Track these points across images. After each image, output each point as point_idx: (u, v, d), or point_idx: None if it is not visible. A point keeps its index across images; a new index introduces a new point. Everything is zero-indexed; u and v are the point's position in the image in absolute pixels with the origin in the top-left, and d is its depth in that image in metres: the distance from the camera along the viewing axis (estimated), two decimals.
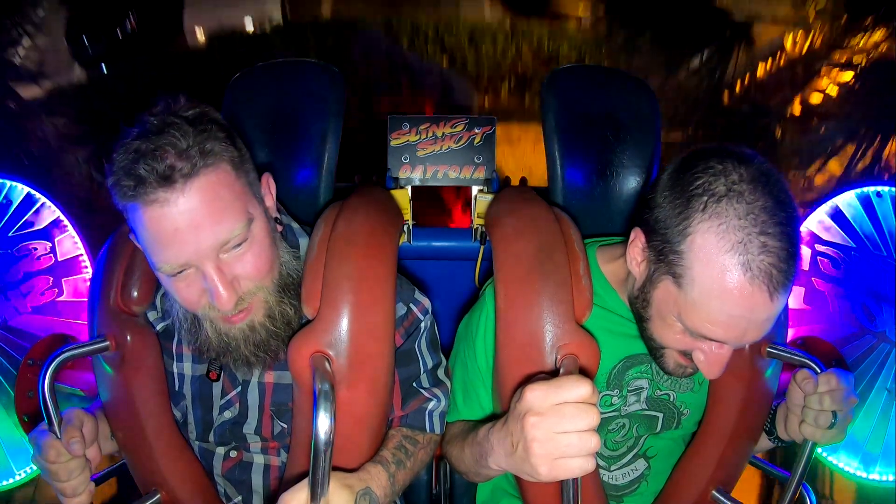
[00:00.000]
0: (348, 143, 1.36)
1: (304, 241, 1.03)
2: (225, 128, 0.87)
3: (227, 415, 1.01)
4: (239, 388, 1.01)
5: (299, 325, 0.95)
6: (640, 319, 0.95)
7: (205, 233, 0.81)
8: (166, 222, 0.80)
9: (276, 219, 0.96)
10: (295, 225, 1.05)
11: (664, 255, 0.85)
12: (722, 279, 0.79)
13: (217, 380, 1.01)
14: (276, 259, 0.92)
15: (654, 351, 0.95)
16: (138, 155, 0.79)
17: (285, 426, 1.01)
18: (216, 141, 0.83)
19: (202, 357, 0.99)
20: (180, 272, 0.84)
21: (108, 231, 1.07)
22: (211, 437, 1.03)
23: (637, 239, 0.92)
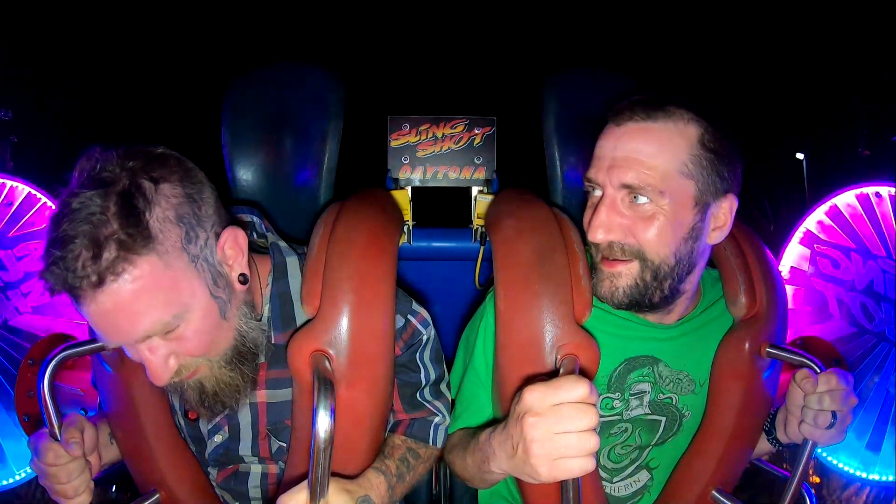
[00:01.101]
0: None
1: (291, 260, 0.99)
2: (176, 183, 0.78)
3: (218, 439, 1.00)
4: (226, 412, 0.96)
5: (248, 387, 0.91)
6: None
7: (123, 332, 0.77)
8: (89, 317, 0.76)
9: (242, 277, 0.88)
10: (282, 244, 1.01)
11: None
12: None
13: (195, 420, 0.99)
14: (227, 333, 0.86)
15: (595, 279, 0.97)
16: (48, 256, 0.73)
17: (284, 444, 0.98)
18: (142, 233, 0.74)
19: None
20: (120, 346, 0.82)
21: None
22: (208, 463, 1.02)
23: None
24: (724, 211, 0.95)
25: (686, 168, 0.90)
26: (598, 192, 0.95)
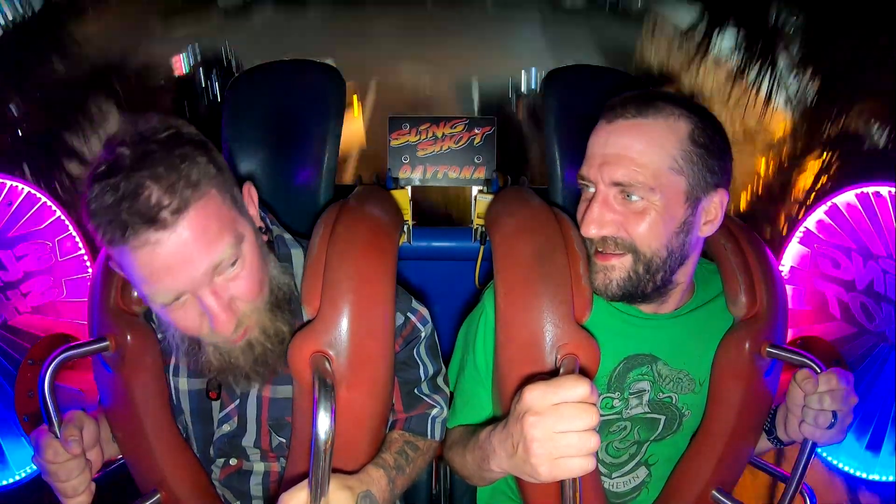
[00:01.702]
0: None
1: (296, 252, 1.00)
2: (202, 144, 0.83)
3: (226, 428, 1.01)
4: (237, 402, 1.00)
5: (288, 341, 0.92)
6: None
7: (197, 263, 0.78)
8: (157, 261, 0.76)
9: (260, 228, 0.93)
10: (287, 235, 1.02)
11: None
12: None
13: (217, 398, 1.00)
14: (266, 276, 0.89)
15: (592, 271, 0.98)
16: (119, 197, 0.73)
17: (284, 440, 1.00)
18: (198, 166, 0.78)
19: (200, 373, 0.98)
20: (176, 300, 0.82)
21: None
22: (211, 451, 1.03)
23: None
24: (715, 205, 0.96)
25: (676, 164, 0.91)
26: (591, 189, 0.97)
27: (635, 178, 0.90)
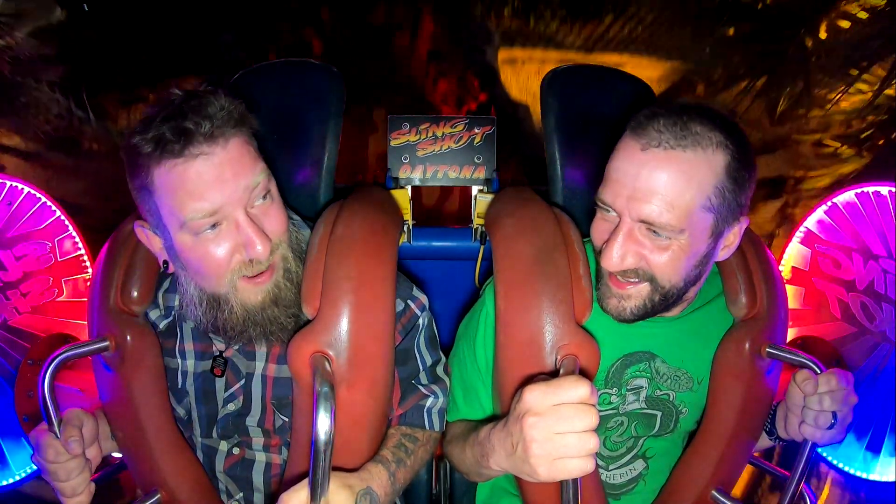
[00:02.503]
0: None
1: (305, 233, 1.02)
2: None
3: (231, 407, 1.02)
4: (243, 381, 1.02)
5: (296, 310, 0.95)
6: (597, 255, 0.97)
7: (241, 178, 0.85)
8: (208, 173, 0.83)
9: None
10: (296, 217, 1.05)
11: None
12: (620, 144, 0.90)
13: (221, 375, 1.01)
14: (287, 223, 0.95)
15: (600, 293, 0.96)
16: (184, 109, 0.82)
17: (286, 420, 1.01)
18: (238, 110, 0.87)
19: (208, 352, 1.01)
20: (211, 228, 0.86)
21: (108, 231, 1.07)
22: (215, 432, 1.03)
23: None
24: (735, 233, 0.93)
25: (709, 202, 0.86)
26: (612, 214, 0.91)
27: (666, 219, 0.85)
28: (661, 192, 0.84)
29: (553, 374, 0.87)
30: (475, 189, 1.45)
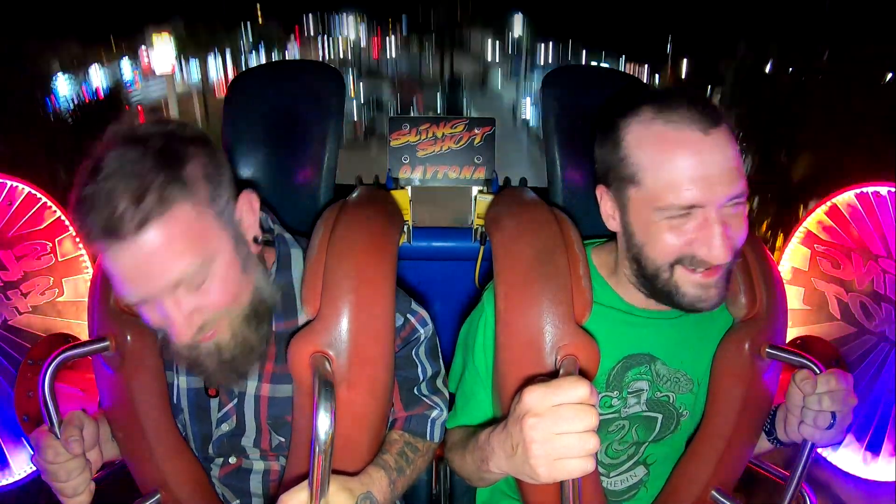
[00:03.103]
0: None
1: (296, 252, 1.00)
2: (200, 149, 0.83)
3: (225, 427, 1.01)
4: (235, 401, 1.00)
5: (262, 350, 0.93)
6: (639, 261, 0.94)
7: (156, 278, 0.80)
8: (117, 269, 0.79)
9: (255, 238, 0.92)
10: (287, 235, 1.02)
11: (617, 174, 0.93)
12: (657, 142, 0.88)
13: (216, 396, 1.00)
14: (247, 287, 0.89)
15: (669, 288, 0.93)
16: (86, 203, 0.75)
17: (283, 440, 1.00)
18: (178, 182, 0.78)
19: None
20: (143, 303, 0.84)
21: None
22: (210, 450, 1.03)
23: (602, 193, 0.99)
24: None
25: (741, 163, 0.90)
26: (695, 212, 0.88)
27: (744, 187, 0.87)
28: (733, 163, 0.87)
29: (553, 375, 0.88)
30: (475, 190, 1.45)
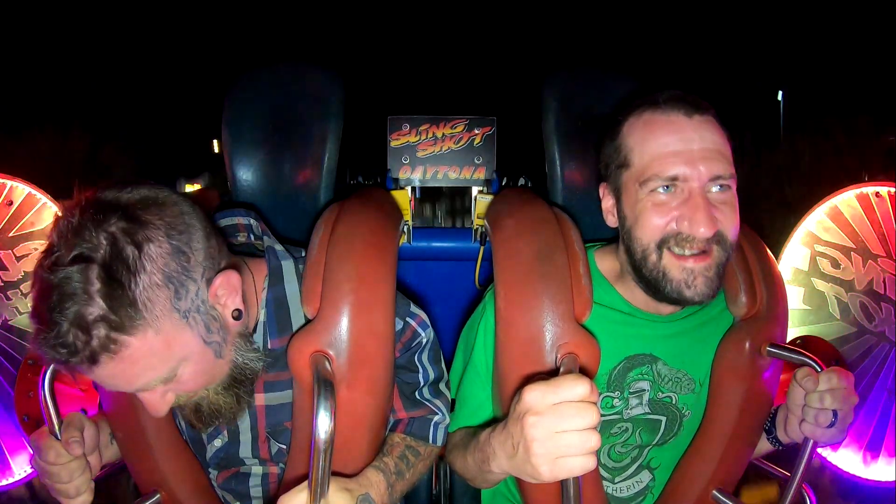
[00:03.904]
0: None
1: (287, 264, 0.98)
2: (161, 242, 0.75)
3: (217, 443, 1.00)
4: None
5: (243, 406, 0.93)
6: (630, 247, 0.97)
7: (122, 388, 0.80)
8: (100, 380, 0.78)
9: (236, 314, 0.87)
10: (278, 247, 1.00)
11: (613, 164, 0.99)
12: (645, 125, 0.95)
13: (211, 427, 0.97)
14: (223, 368, 0.88)
15: (657, 275, 0.94)
16: (39, 335, 0.72)
17: (283, 446, 0.99)
18: (128, 310, 0.72)
19: None
20: None
21: None
22: (209, 466, 1.03)
23: (603, 190, 1.03)
24: None
25: (730, 154, 0.94)
26: (672, 190, 0.92)
27: (729, 169, 0.92)
28: (717, 146, 0.92)
29: (553, 374, 0.87)
30: (475, 190, 1.45)
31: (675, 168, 0.91)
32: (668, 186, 0.92)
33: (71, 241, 0.71)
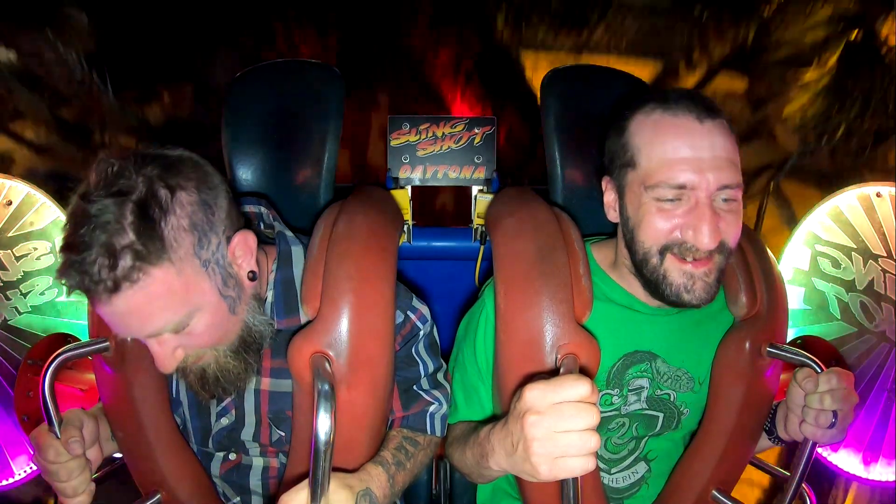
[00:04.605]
0: None
1: (296, 249, 1.01)
2: (191, 193, 0.80)
3: (224, 422, 1.01)
4: (234, 396, 1.00)
5: (249, 375, 0.95)
6: (631, 246, 0.97)
7: (134, 330, 0.81)
8: (111, 319, 0.80)
9: (251, 275, 0.90)
10: (288, 233, 1.02)
11: (619, 161, 0.97)
12: (654, 126, 0.93)
13: (213, 397, 1.00)
14: (234, 326, 0.89)
15: (657, 276, 0.94)
16: (65, 257, 0.75)
17: (283, 434, 1.00)
18: (156, 244, 0.76)
19: None
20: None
21: None
22: (210, 444, 1.03)
23: (606, 184, 1.02)
24: None
25: (739, 159, 0.93)
26: (679, 199, 0.90)
27: (738, 179, 0.90)
28: (727, 154, 0.90)
29: (553, 373, 0.87)
30: (475, 189, 1.45)
31: (684, 176, 0.89)
32: (674, 194, 0.90)
33: (110, 179, 0.76)
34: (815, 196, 1.82)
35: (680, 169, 0.89)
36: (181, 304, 0.81)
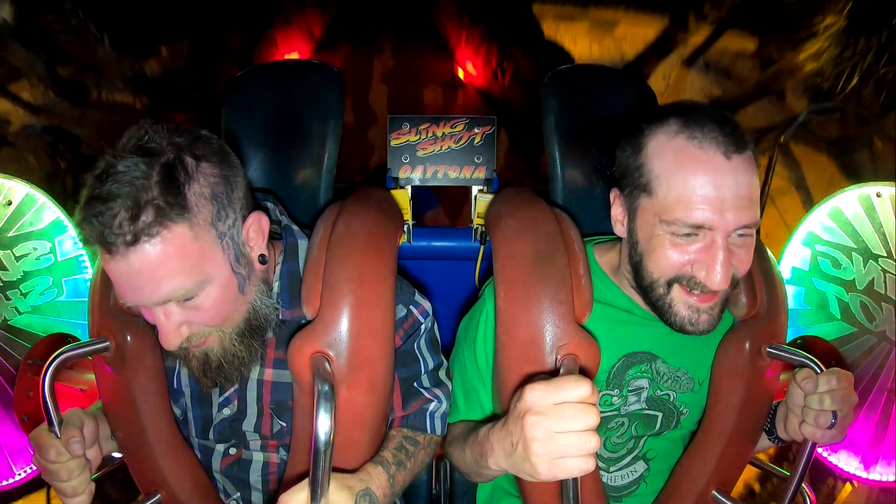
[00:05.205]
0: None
1: (302, 243, 1.02)
2: (214, 166, 0.84)
3: (226, 412, 1.01)
4: (237, 386, 1.01)
5: (253, 361, 0.95)
6: (638, 270, 0.95)
7: (144, 293, 0.81)
8: (111, 273, 0.81)
9: (262, 258, 0.92)
10: (295, 227, 1.04)
11: (633, 181, 0.92)
12: (676, 156, 0.87)
13: (215, 385, 1.00)
14: (241, 307, 0.90)
15: (662, 304, 0.93)
16: (87, 208, 0.77)
17: (284, 425, 1.00)
18: (179, 203, 0.79)
19: None
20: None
21: None
22: (210, 435, 1.03)
23: (615, 197, 0.98)
24: None
25: (758, 194, 0.89)
26: (701, 233, 0.87)
27: (757, 218, 0.86)
28: (749, 191, 0.86)
29: (553, 374, 0.87)
30: (475, 189, 1.45)
31: (703, 216, 0.85)
32: (690, 231, 0.87)
33: (141, 141, 0.80)
34: (824, 160, 1.78)
35: (699, 209, 0.84)
36: (193, 270, 0.82)
